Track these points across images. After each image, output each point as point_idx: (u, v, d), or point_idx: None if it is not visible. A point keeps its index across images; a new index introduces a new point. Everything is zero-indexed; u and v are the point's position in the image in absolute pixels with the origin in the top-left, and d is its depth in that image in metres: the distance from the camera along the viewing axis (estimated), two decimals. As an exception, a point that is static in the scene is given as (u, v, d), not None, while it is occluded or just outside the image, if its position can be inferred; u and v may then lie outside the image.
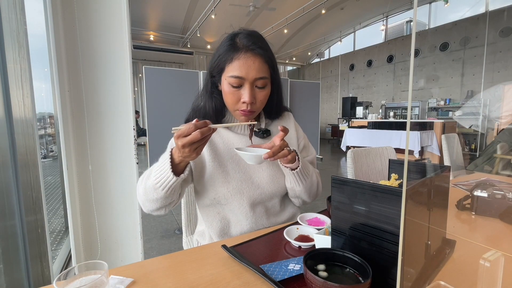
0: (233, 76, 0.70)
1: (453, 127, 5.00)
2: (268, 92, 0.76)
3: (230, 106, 0.77)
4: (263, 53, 0.72)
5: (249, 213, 0.78)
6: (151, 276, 0.51)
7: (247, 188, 0.79)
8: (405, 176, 0.28)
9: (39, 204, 1.07)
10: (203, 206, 0.83)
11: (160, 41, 9.06)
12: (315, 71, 11.30)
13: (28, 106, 1.04)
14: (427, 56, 7.15)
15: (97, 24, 1.06)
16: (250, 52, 0.71)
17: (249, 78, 0.71)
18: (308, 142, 0.94)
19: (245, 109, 0.74)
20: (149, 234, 2.35)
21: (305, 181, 0.77)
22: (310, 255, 0.47)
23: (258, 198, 0.79)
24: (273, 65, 0.75)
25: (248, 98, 0.71)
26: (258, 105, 0.76)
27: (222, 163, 0.79)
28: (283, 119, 0.91)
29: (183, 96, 3.34)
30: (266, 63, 0.73)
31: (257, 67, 0.71)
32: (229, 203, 0.79)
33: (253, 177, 0.80)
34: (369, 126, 5.75)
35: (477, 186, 0.81)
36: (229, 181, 0.78)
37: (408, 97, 0.26)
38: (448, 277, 0.50)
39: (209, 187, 0.78)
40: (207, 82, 0.81)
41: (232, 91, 0.73)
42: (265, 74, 0.73)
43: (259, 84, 0.73)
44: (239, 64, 0.70)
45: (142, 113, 8.95)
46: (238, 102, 0.74)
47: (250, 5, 6.17)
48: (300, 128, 0.94)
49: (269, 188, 0.80)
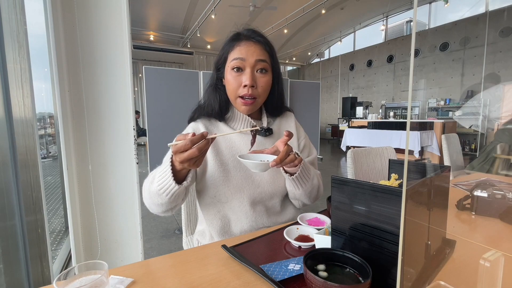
0: (235, 58, 0.74)
1: (453, 127, 5.00)
2: (269, 79, 0.78)
3: (232, 94, 0.78)
4: (263, 42, 0.77)
5: (249, 211, 0.78)
6: (151, 276, 0.51)
7: (248, 186, 0.79)
8: (405, 176, 0.28)
9: (39, 204, 1.07)
10: (204, 205, 0.84)
11: (160, 41, 9.06)
12: (315, 71, 11.30)
13: (28, 106, 1.04)
14: (427, 56, 7.15)
15: (97, 24, 1.06)
16: (251, 40, 0.76)
17: (249, 59, 0.74)
18: (309, 142, 0.93)
19: (246, 93, 0.75)
20: (149, 234, 2.35)
21: (305, 185, 0.76)
22: (310, 255, 0.47)
23: (258, 197, 0.80)
24: (272, 55, 0.78)
25: (249, 81, 0.73)
26: (260, 90, 0.77)
27: (224, 162, 0.79)
28: (285, 118, 0.91)
29: (183, 96, 3.34)
30: (266, 51, 0.77)
31: (257, 52, 0.75)
32: (229, 201, 0.79)
33: (253, 175, 0.81)
34: (369, 126, 5.74)
35: (477, 186, 0.81)
36: (229, 179, 0.78)
37: (408, 97, 0.26)
38: (448, 277, 0.50)
39: (210, 185, 0.79)
40: (212, 77, 0.83)
41: (234, 76, 0.75)
42: (266, 58, 0.76)
43: (260, 66, 0.75)
44: (240, 48, 0.75)
45: (142, 113, 8.94)
46: (239, 87, 0.75)
47: (250, 5, 6.17)
48: (301, 128, 0.94)
49: (270, 187, 0.80)
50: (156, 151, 3.23)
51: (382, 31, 8.59)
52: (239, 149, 0.81)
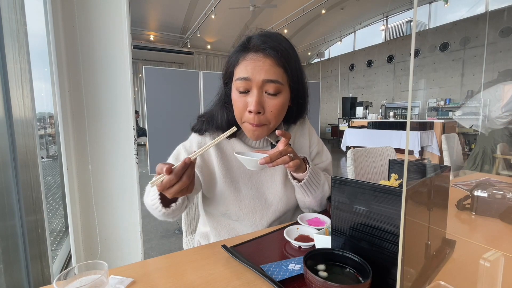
0: (239, 78, 0.61)
1: (453, 127, 5.00)
2: (282, 101, 0.64)
3: (237, 118, 0.67)
4: (275, 55, 0.60)
5: (260, 229, 0.75)
6: (151, 276, 0.51)
7: (260, 207, 0.74)
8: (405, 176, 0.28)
9: (39, 204, 1.07)
10: (211, 215, 0.80)
11: (160, 41, 9.06)
12: (315, 71, 11.29)
13: (28, 106, 1.04)
14: (427, 56, 7.15)
15: (97, 24, 1.06)
16: (261, 52, 0.61)
17: (256, 79, 0.60)
18: (322, 147, 0.87)
19: (251, 121, 0.63)
20: (149, 234, 2.35)
21: (314, 192, 0.71)
22: (310, 255, 0.47)
23: (271, 217, 0.75)
24: (291, 70, 0.64)
25: (254, 106, 0.60)
26: (269, 116, 0.64)
27: (234, 179, 0.73)
28: (300, 126, 0.84)
29: (183, 96, 3.34)
30: (280, 66, 0.61)
31: (266, 68, 0.60)
32: (240, 220, 0.75)
33: (266, 193, 0.75)
34: (369, 126, 5.74)
35: (477, 186, 0.81)
36: (241, 199, 0.73)
37: (408, 97, 0.26)
38: (448, 277, 0.50)
39: (219, 201, 0.74)
40: (220, 90, 0.74)
41: (238, 97, 0.63)
42: (277, 77, 0.61)
43: (269, 89, 0.61)
44: (245, 64, 0.61)
45: (142, 113, 8.94)
46: (245, 111, 0.63)
47: (250, 6, 6.17)
48: (315, 133, 0.87)
49: (282, 205, 0.76)
50: (156, 151, 3.23)
51: (382, 31, 8.59)
52: None
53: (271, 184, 0.76)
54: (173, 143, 0.80)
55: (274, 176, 0.76)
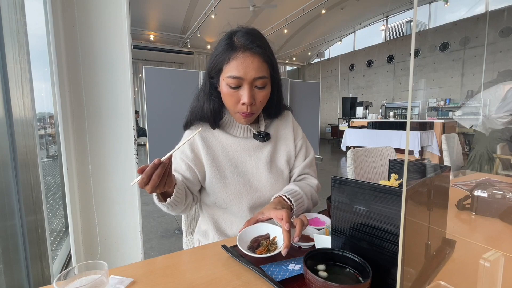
0: (231, 76, 0.69)
1: (453, 127, 5.00)
2: (268, 92, 0.75)
3: (230, 108, 0.76)
4: (261, 52, 0.69)
5: (248, 216, 0.78)
6: (151, 276, 0.51)
7: (246, 192, 0.79)
8: (405, 176, 0.28)
9: (39, 204, 1.07)
10: (206, 207, 0.85)
11: (160, 41, 9.06)
12: (315, 71, 11.29)
13: (28, 106, 1.04)
14: (427, 56, 7.15)
15: (97, 24, 1.06)
16: (248, 51, 0.68)
17: (247, 78, 0.69)
18: (306, 142, 0.92)
19: (245, 111, 0.72)
20: (149, 234, 2.35)
21: (302, 211, 0.77)
22: (310, 255, 0.47)
23: (257, 202, 0.80)
24: (272, 64, 0.73)
25: (248, 99, 0.70)
26: (258, 105, 0.74)
27: (221, 168, 0.78)
28: (283, 119, 0.90)
29: (183, 96, 3.34)
30: (265, 62, 0.71)
31: (255, 67, 0.68)
32: (228, 207, 0.79)
33: (251, 180, 0.80)
34: (369, 126, 5.74)
35: (477, 186, 0.81)
36: (227, 185, 0.78)
37: (408, 97, 0.26)
38: (448, 277, 0.50)
39: (209, 191, 0.79)
40: (205, 83, 0.79)
41: (230, 92, 0.71)
42: (264, 73, 0.71)
43: (258, 84, 0.71)
44: (237, 64, 0.68)
45: (142, 113, 8.95)
46: (237, 103, 0.72)
47: (250, 6, 6.17)
48: (299, 128, 0.92)
49: (268, 192, 0.80)
50: (156, 151, 3.23)
51: (382, 31, 8.59)
52: (235, 154, 0.80)
53: (255, 171, 0.81)
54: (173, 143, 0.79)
55: (258, 164, 0.82)
